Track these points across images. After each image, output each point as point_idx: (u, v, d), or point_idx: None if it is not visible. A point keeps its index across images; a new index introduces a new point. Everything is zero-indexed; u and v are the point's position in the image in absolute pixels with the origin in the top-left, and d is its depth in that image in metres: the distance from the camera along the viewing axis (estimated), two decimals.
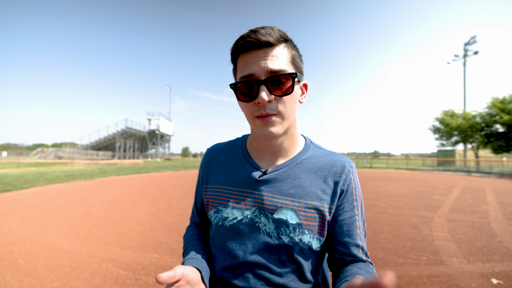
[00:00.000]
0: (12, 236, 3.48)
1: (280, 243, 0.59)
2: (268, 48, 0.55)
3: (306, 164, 0.65)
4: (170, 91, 51.37)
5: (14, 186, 8.09)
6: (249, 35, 0.55)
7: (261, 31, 0.55)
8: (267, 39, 0.54)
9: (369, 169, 21.39)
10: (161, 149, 48.29)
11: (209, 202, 0.68)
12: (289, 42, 0.58)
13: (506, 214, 4.99)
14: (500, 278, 2.38)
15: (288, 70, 0.56)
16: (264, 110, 0.55)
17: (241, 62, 0.57)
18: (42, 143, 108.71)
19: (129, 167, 20.16)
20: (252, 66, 0.55)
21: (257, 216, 0.61)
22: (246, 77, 0.56)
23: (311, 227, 0.60)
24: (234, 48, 0.58)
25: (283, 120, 0.58)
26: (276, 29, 0.56)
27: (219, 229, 0.64)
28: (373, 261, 2.78)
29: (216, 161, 0.72)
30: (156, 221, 4.30)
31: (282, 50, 0.56)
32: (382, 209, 5.41)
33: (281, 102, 0.56)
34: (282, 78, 0.55)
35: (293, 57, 0.58)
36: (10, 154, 43.64)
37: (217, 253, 0.65)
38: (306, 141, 0.70)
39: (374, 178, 12.57)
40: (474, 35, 28.74)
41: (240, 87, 0.57)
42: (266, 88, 0.54)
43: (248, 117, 0.60)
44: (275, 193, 0.61)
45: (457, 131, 23.83)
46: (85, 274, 2.45)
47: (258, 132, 0.59)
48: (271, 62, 0.54)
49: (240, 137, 0.77)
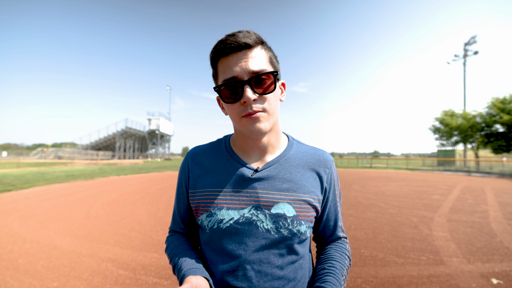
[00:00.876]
0: (12, 236, 3.48)
1: (279, 237, 0.61)
2: (247, 50, 0.57)
3: (294, 159, 0.68)
4: (170, 91, 51.40)
5: (14, 186, 8.09)
6: (228, 38, 0.57)
7: (239, 35, 0.57)
8: (246, 41, 0.56)
9: (369, 169, 21.39)
10: (161, 149, 48.32)
11: (199, 207, 0.66)
12: (265, 44, 0.62)
13: (506, 214, 4.99)
14: (500, 278, 2.39)
15: (268, 69, 0.59)
16: (250, 108, 0.57)
17: (222, 66, 0.59)
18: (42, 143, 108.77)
19: (129, 167, 20.16)
20: (234, 68, 0.57)
21: (254, 214, 0.61)
22: (229, 80, 0.57)
23: (306, 217, 0.64)
24: (214, 52, 0.59)
25: (269, 116, 0.60)
26: (252, 32, 0.59)
27: (215, 233, 0.63)
28: (373, 261, 2.79)
29: (201, 164, 0.70)
30: (156, 221, 4.31)
31: (260, 51, 0.59)
32: (382, 209, 5.41)
33: (265, 100, 0.59)
34: (264, 77, 0.57)
35: (271, 57, 0.62)
36: (10, 154, 43.64)
37: (214, 257, 0.63)
38: (289, 138, 0.74)
39: (374, 178, 12.58)
40: (474, 35, 28.74)
41: (224, 90, 0.59)
42: (250, 87, 0.56)
43: (235, 117, 0.61)
44: (270, 189, 0.63)
45: (457, 131, 23.83)
46: (85, 274, 2.45)
47: (246, 131, 0.60)
48: (252, 63, 0.57)
49: (221, 138, 0.76)
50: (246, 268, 0.60)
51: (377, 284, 2.31)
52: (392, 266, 2.66)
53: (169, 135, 50.31)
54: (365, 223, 4.27)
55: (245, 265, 0.60)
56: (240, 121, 0.60)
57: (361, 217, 4.67)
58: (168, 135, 50.02)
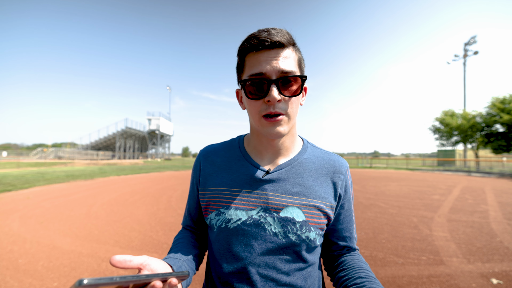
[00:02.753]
0: (12, 236, 3.48)
1: (287, 242, 0.59)
2: (280, 49, 0.56)
3: (307, 163, 0.66)
4: (170, 91, 51.39)
5: (14, 186, 8.09)
6: (261, 34, 0.55)
7: (273, 32, 0.55)
8: (280, 39, 0.55)
9: (369, 169, 21.39)
10: (161, 149, 48.31)
11: (209, 205, 0.66)
12: (296, 45, 0.60)
13: (506, 214, 4.99)
14: (500, 278, 2.39)
15: (297, 72, 0.57)
16: (273, 108, 0.56)
17: (251, 60, 0.57)
18: (42, 143, 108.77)
19: (129, 167, 20.16)
20: (263, 65, 0.55)
21: (262, 216, 0.60)
22: (256, 75, 0.56)
23: (316, 224, 0.61)
24: (245, 46, 0.58)
25: (289, 120, 0.59)
26: (285, 31, 0.58)
27: (222, 232, 0.62)
28: (373, 261, 2.79)
29: (213, 163, 0.70)
30: (156, 221, 4.31)
31: (291, 52, 0.58)
32: (382, 209, 5.41)
33: (288, 103, 0.58)
34: (292, 79, 0.56)
35: (300, 60, 0.60)
36: (10, 154, 43.63)
37: (220, 257, 0.63)
38: (304, 141, 0.72)
39: (374, 178, 12.58)
40: (474, 35, 28.77)
41: (249, 85, 0.57)
42: (276, 87, 0.55)
43: (255, 115, 0.59)
44: (280, 192, 0.61)
45: (457, 131, 23.83)
46: (85, 274, 2.45)
47: (265, 132, 0.59)
48: (282, 63, 0.55)
49: (235, 138, 0.75)
50: (251, 271, 0.59)
51: None
52: (392, 266, 2.66)
53: (169, 135, 50.30)
54: (365, 223, 4.27)
55: (250, 268, 0.59)
56: (259, 120, 0.58)
57: (361, 217, 4.66)
58: (168, 135, 50.01)
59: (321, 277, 0.70)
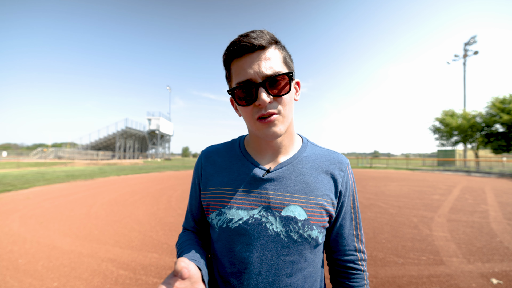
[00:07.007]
0: (12, 236, 3.48)
1: (289, 241, 0.59)
2: (261, 51, 0.56)
3: (307, 161, 0.66)
4: (170, 91, 51.40)
5: (14, 186, 8.09)
6: (241, 39, 0.56)
7: (252, 35, 0.55)
8: (260, 42, 0.55)
9: (369, 169, 21.38)
10: (161, 149, 48.30)
11: (210, 205, 0.66)
12: (278, 43, 0.60)
13: (506, 214, 4.99)
14: (500, 278, 2.39)
15: (283, 70, 0.57)
16: (265, 110, 0.56)
17: (236, 68, 0.58)
18: (42, 143, 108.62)
19: (129, 167, 20.16)
20: (247, 70, 0.55)
21: (264, 215, 0.60)
22: (243, 82, 0.56)
23: (318, 222, 0.61)
24: (227, 54, 0.58)
25: (284, 118, 0.59)
26: (266, 32, 0.58)
27: (224, 232, 0.62)
28: (373, 261, 2.78)
29: (214, 163, 0.70)
30: (156, 221, 4.31)
31: (274, 51, 0.58)
32: (382, 209, 5.41)
33: (280, 102, 0.57)
34: (278, 78, 0.56)
35: (285, 57, 0.60)
36: (10, 154, 43.61)
37: (222, 257, 0.63)
38: (303, 139, 0.72)
39: (374, 178, 12.58)
40: (474, 35, 28.76)
41: (238, 92, 0.58)
42: (264, 90, 0.55)
43: (249, 120, 0.59)
44: (281, 190, 0.61)
45: (457, 131, 23.83)
46: (85, 274, 2.45)
47: (261, 134, 0.59)
48: (266, 64, 0.55)
49: (236, 138, 0.76)
50: (252, 271, 0.58)
51: (377, 284, 2.31)
52: (392, 266, 2.66)
53: (169, 135, 50.29)
54: (365, 223, 4.27)
55: (251, 269, 0.58)
56: (254, 123, 0.58)
57: (361, 217, 4.65)
58: (168, 135, 50.00)
59: (323, 276, 0.69)
